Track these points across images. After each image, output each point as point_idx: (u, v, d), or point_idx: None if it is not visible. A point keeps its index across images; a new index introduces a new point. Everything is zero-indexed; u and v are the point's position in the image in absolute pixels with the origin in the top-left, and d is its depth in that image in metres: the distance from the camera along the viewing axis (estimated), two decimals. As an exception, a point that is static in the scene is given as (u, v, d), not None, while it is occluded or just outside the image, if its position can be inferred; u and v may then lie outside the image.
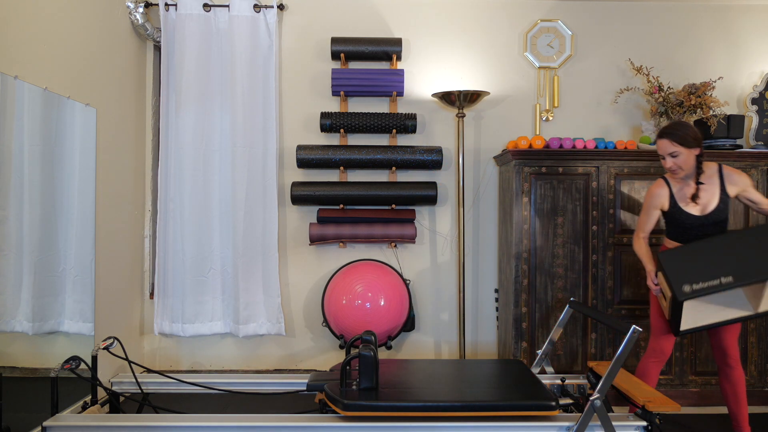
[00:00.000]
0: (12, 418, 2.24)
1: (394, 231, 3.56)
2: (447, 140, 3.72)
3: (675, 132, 2.60)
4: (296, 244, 3.71)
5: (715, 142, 3.43)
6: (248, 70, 3.51)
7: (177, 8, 3.49)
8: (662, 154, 2.63)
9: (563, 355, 3.34)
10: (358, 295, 3.30)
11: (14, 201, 2.38)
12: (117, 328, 3.28)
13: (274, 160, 3.56)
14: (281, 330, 3.57)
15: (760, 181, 3.35)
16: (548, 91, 3.73)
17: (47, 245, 2.60)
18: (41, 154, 2.55)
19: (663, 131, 2.63)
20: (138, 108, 3.57)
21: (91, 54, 3.00)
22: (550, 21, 3.71)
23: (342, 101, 3.66)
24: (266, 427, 2.21)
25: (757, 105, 3.67)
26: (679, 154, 2.59)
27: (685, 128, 2.60)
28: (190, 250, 3.53)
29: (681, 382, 3.34)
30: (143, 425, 2.24)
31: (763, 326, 3.35)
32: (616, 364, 2.15)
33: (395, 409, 2.16)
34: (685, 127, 2.61)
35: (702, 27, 3.74)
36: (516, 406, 2.18)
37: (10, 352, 2.36)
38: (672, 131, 2.61)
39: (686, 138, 2.58)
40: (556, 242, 3.33)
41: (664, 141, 2.61)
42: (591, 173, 3.33)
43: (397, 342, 3.70)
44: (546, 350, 2.79)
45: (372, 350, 2.28)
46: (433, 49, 3.72)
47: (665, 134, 2.62)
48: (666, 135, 2.61)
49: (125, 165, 3.39)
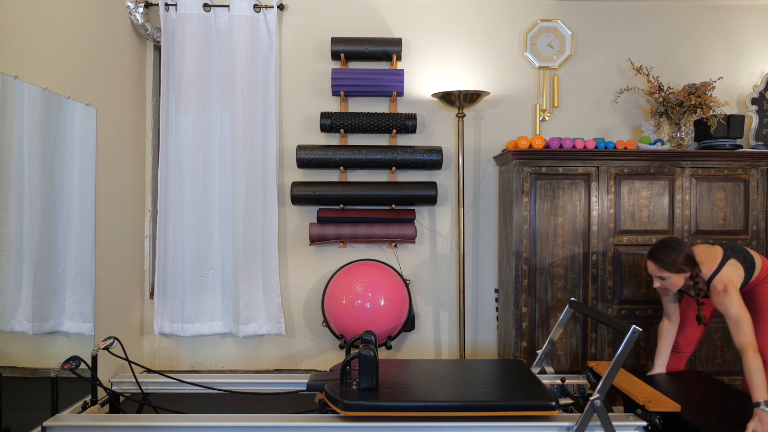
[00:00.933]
0: (12, 418, 2.24)
1: (394, 231, 3.56)
2: (447, 140, 3.72)
3: (662, 258, 2.50)
4: (296, 244, 3.71)
5: (715, 142, 3.43)
6: (248, 70, 3.51)
7: (177, 8, 3.49)
8: (654, 275, 2.57)
9: (563, 355, 3.34)
10: (358, 295, 3.30)
11: (14, 201, 2.38)
12: (117, 328, 3.28)
13: (274, 160, 3.56)
14: (281, 330, 3.57)
15: (760, 181, 3.35)
16: (548, 91, 3.73)
17: (47, 245, 2.60)
18: (41, 154, 2.55)
19: (651, 253, 2.54)
20: (138, 108, 3.57)
21: (91, 54, 3.00)
22: (550, 21, 3.71)
23: (342, 101, 3.66)
24: (266, 427, 2.21)
25: (757, 105, 3.67)
26: (667, 278, 2.53)
27: (674, 252, 2.49)
28: (190, 250, 3.53)
29: (681, 382, 3.34)
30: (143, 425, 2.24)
31: (763, 326, 3.35)
32: (616, 364, 2.15)
33: (395, 409, 2.16)
34: (673, 251, 2.50)
35: (702, 27, 3.75)
36: (516, 406, 2.18)
37: (10, 352, 2.36)
38: (659, 256, 2.51)
39: (674, 265, 2.49)
40: (556, 242, 3.33)
41: (651, 265, 2.54)
42: (591, 173, 3.33)
43: (397, 342, 3.70)
44: (546, 350, 2.79)
45: (372, 350, 2.28)
46: (433, 49, 3.72)
47: (652, 257, 2.53)
48: (653, 259, 2.53)
49: (125, 165, 3.39)
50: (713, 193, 3.35)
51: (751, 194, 3.35)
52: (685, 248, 2.52)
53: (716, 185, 3.35)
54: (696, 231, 3.35)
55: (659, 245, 2.55)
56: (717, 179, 3.36)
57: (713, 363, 3.35)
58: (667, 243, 2.55)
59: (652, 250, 2.56)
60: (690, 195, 3.35)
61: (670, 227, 3.35)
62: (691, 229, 3.35)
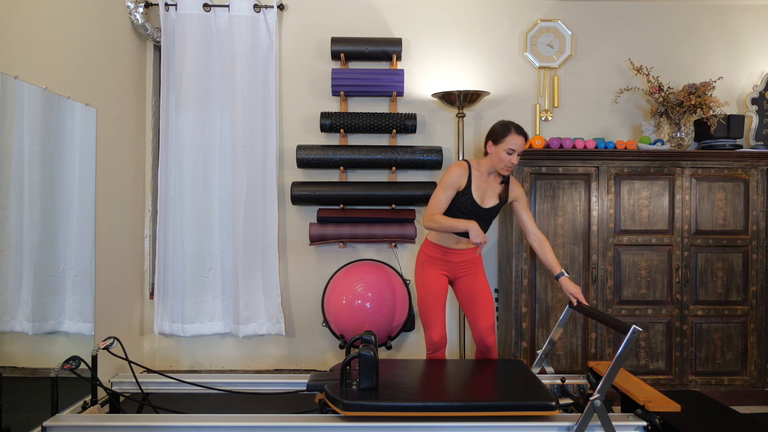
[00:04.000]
0: (12, 418, 2.24)
1: (394, 231, 3.56)
2: (447, 140, 3.72)
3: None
4: (296, 244, 3.71)
5: (715, 142, 3.43)
6: (248, 70, 3.51)
7: (177, 8, 3.49)
8: (518, 150, 2.65)
9: (563, 355, 3.35)
10: (358, 295, 3.30)
11: (14, 201, 2.38)
12: (117, 328, 3.28)
13: (274, 160, 3.56)
14: (281, 330, 3.57)
15: (760, 181, 3.35)
16: (548, 91, 3.73)
17: (47, 245, 2.60)
18: (41, 154, 2.55)
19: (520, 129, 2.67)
20: (138, 108, 3.57)
21: (91, 54, 3.00)
22: (550, 21, 3.71)
23: (342, 101, 3.66)
24: (266, 427, 2.21)
25: (757, 105, 3.67)
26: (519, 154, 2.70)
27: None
28: (190, 250, 3.53)
29: (681, 382, 3.34)
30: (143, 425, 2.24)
31: (764, 326, 3.36)
32: (616, 364, 2.15)
33: (395, 409, 2.16)
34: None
35: (702, 27, 3.74)
36: (516, 406, 2.18)
37: (10, 352, 2.36)
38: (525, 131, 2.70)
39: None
40: (556, 242, 3.33)
41: (524, 139, 2.66)
42: (591, 173, 3.33)
43: (397, 342, 3.70)
44: (546, 350, 2.79)
45: (372, 350, 2.28)
46: (433, 49, 3.72)
47: (525, 134, 2.68)
48: (526, 134, 2.68)
49: (125, 165, 3.39)
50: (713, 193, 3.35)
51: (751, 194, 3.35)
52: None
53: (716, 185, 3.35)
54: (696, 231, 3.35)
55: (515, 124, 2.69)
56: (717, 179, 3.36)
57: (713, 363, 3.35)
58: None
59: (518, 126, 2.67)
60: (690, 195, 3.35)
61: (670, 227, 3.35)
62: (691, 229, 3.35)
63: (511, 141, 2.63)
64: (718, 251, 3.36)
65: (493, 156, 2.70)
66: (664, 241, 3.34)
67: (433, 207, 2.71)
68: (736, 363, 3.36)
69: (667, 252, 3.34)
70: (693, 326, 3.35)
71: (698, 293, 3.35)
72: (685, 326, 3.34)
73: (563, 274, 2.73)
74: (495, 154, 2.69)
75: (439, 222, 2.65)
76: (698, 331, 3.35)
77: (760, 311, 3.36)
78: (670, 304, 3.35)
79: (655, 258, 3.34)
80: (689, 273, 3.34)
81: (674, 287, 3.34)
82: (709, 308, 3.36)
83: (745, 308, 3.36)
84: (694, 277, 3.35)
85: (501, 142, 2.66)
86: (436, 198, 2.72)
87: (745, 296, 3.36)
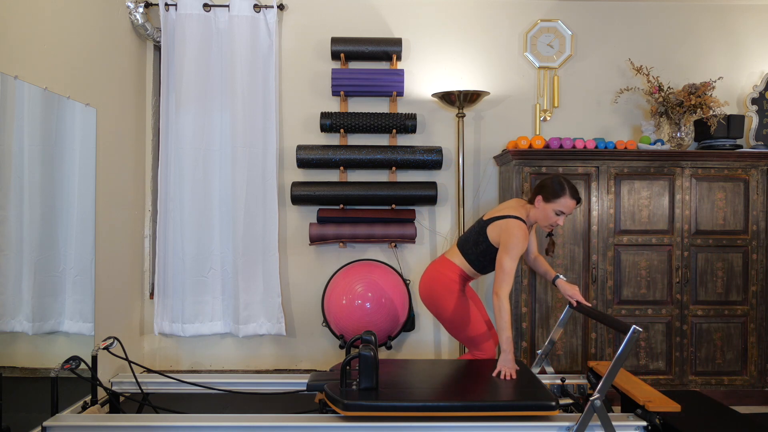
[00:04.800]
0: (12, 418, 2.23)
1: (394, 231, 3.56)
2: (447, 140, 3.72)
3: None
4: (296, 244, 3.71)
5: (715, 142, 3.43)
6: (248, 70, 3.51)
7: (177, 8, 3.49)
8: (568, 213, 2.57)
9: (563, 355, 3.34)
10: (358, 295, 3.30)
11: (14, 201, 2.38)
12: (117, 328, 3.28)
13: (274, 160, 3.56)
14: (281, 330, 3.57)
15: (760, 181, 3.35)
16: (548, 91, 3.73)
17: (47, 245, 2.60)
18: (41, 154, 2.55)
19: (574, 192, 2.56)
20: (138, 108, 3.57)
21: (91, 54, 3.00)
22: (550, 21, 3.71)
23: (342, 101, 3.66)
24: (266, 427, 2.21)
25: (757, 105, 3.67)
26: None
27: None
28: (190, 250, 3.53)
29: (681, 382, 3.34)
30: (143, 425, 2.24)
31: (764, 326, 3.36)
32: (616, 364, 2.15)
33: (395, 409, 2.16)
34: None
35: (702, 27, 3.74)
36: (516, 406, 2.18)
37: (10, 352, 2.36)
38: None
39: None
40: (555, 242, 3.32)
41: (576, 203, 2.57)
42: (591, 173, 3.33)
43: (397, 342, 3.70)
44: (546, 350, 2.79)
45: (372, 350, 2.28)
46: (433, 49, 3.72)
47: (580, 197, 2.58)
48: (580, 198, 2.58)
49: (125, 165, 3.39)
50: (713, 193, 3.35)
51: (751, 194, 3.35)
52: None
53: (716, 185, 3.35)
54: (696, 231, 3.35)
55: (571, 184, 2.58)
56: (717, 179, 3.36)
57: (713, 363, 3.35)
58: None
59: (573, 187, 2.55)
60: (690, 195, 3.35)
61: (670, 227, 3.35)
62: (691, 229, 3.35)
63: (564, 203, 2.53)
64: (718, 251, 3.36)
65: (539, 212, 2.58)
66: (664, 241, 3.34)
67: (509, 282, 2.47)
68: (736, 363, 3.36)
69: (667, 252, 3.34)
70: (693, 326, 3.35)
71: (698, 293, 3.35)
72: (685, 326, 3.34)
73: (558, 276, 2.71)
74: (542, 211, 2.57)
75: (504, 316, 2.46)
76: (698, 331, 3.35)
77: (760, 311, 3.36)
78: (670, 304, 3.35)
79: (655, 258, 3.34)
80: (689, 273, 3.34)
81: (674, 287, 3.34)
82: (709, 308, 3.36)
83: (745, 308, 3.36)
84: (694, 277, 3.35)
85: (553, 201, 2.54)
86: (510, 270, 2.48)
87: (745, 296, 3.36)
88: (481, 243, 2.65)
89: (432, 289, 2.74)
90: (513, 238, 2.50)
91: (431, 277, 2.77)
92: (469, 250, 2.70)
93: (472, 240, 2.70)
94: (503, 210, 2.65)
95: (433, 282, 2.75)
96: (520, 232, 2.51)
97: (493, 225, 2.61)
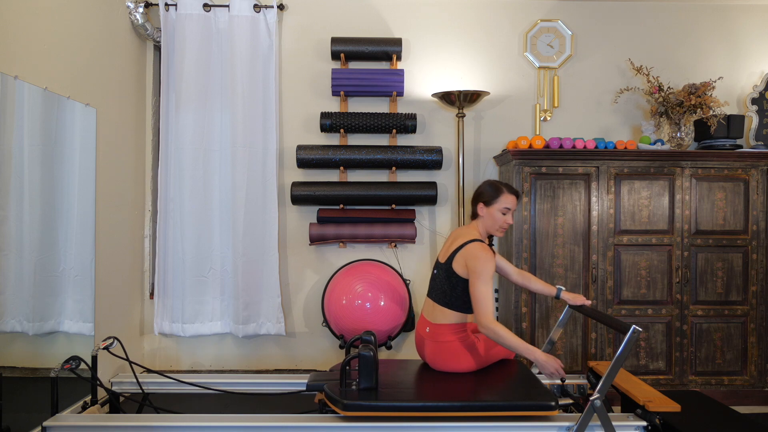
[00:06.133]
0: (12, 418, 2.24)
1: (394, 231, 3.56)
2: (447, 140, 3.72)
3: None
4: (296, 244, 3.71)
5: (715, 142, 3.43)
6: (248, 70, 3.51)
7: (177, 8, 3.49)
8: (513, 208, 2.54)
9: (563, 355, 3.34)
10: (358, 295, 3.30)
11: (14, 201, 2.38)
12: (117, 328, 3.28)
13: (274, 160, 3.56)
14: (281, 330, 3.57)
15: (760, 181, 3.35)
16: (548, 91, 3.73)
17: (47, 245, 2.60)
18: (41, 154, 2.55)
19: (512, 188, 2.56)
20: (138, 108, 3.57)
21: (91, 54, 3.00)
22: (550, 21, 3.71)
23: (342, 101, 3.66)
24: (266, 427, 2.21)
25: (757, 105, 3.67)
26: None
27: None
28: (190, 250, 3.53)
29: (681, 382, 3.34)
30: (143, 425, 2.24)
31: (764, 326, 3.36)
32: (616, 364, 2.15)
33: (395, 409, 2.16)
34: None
35: (702, 27, 3.74)
36: (516, 406, 2.18)
37: (10, 352, 2.36)
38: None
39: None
40: (556, 242, 3.33)
41: (515, 199, 2.55)
42: (591, 173, 3.33)
43: (397, 342, 3.70)
44: (546, 350, 2.78)
45: (371, 350, 2.28)
46: (433, 49, 3.72)
47: (517, 191, 2.57)
48: (518, 192, 2.57)
49: (125, 165, 3.39)
50: (713, 193, 3.35)
51: (751, 194, 3.35)
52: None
53: (716, 185, 3.35)
54: (696, 231, 3.35)
55: (503, 182, 2.58)
56: (717, 179, 3.36)
57: (713, 363, 3.35)
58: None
59: (507, 185, 2.56)
60: (690, 195, 3.35)
61: (670, 227, 3.35)
62: (691, 229, 3.35)
63: (506, 200, 2.52)
64: (718, 251, 3.36)
65: (487, 218, 2.55)
66: (664, 241, 3.34)
67: (489, 306, 2.35)
68: (736, 363, 3.36)
69: (667, 252, 3.34)
70: (693, 326, 3.35)
71: (698, 293, 3.35)
72: (685, 326, 3.34)
73: (561, 289, 2.68)
74: (489, 217, 2.54)
75: (504, 337, 2.31)
76: (698, 331, 3.35)
77: (760, 311, 3.35)
78: (670, 304, 3.35)
79: (655, 258, 3.34)
80: (689, 273, 3.34)
81: (674, 287, 3.34)
82: (709, 308, 3.36)
83: (745, 308, 3.36)
84: (694, 277, 3.35)
85: (494, 203, 2.53)
86: (486, 295, 2.36)
87: (745, 296, 3.36)
88: (456, 285, 2.50)
89: (444, 361, 2.53)
90: (478, 260, 2.39)
91: (435, 351, 2.55)
92: (449, 299, 2.52)
93: (446, 287, 2.53)
94: (456, 240, 2.55)
95: (442, 356, 2.53)
96: (483, 251, 2.41)
97: (455, 260, 2.48)
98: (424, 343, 2.60)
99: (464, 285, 2.49)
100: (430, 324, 2.59)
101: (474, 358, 2.52)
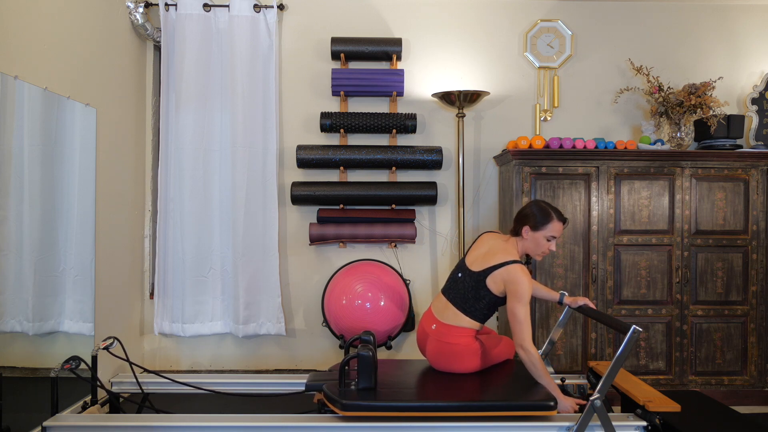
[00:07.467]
0: (12, 418, 2.24)
1: (394, 231, 3.56)
2: (447, 140, 3.72)
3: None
4: (296, 244, 3.71)
5: (715, 142, 3.43)
6: (248, 70, 3.51)
7: (177, 8, 3.49)
8: (558, 236, 2.52)
9: (563, 355, 3.34)
10: (358, 295, 3.30)
11: (14, 201, 2.39)
12: (117, 328, 3.28)
13: (274, 160, 3.56)
14: (281, 330, 3.57)
15: (760, 181, 3.35)
16: (548, 91, 3.73)
17: (47, 245, 2.60)
18: (41, 154, 2.55)
19: (561, 214, 2.51)
20: (138, 108, 3.57)
21: (91, 54, 3.01)
22: (550, 21, 3.71)
23: (342, 101, 3.66)
24: (266, 427, 2.21)
25: (757, 105, 3.67)
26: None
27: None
28: (190, 250, 3.53)
29: (681, 382, 3.34)
30: (143, 425, 2.24)
31: (764, 326, 3.35)
32: (616, 364, 2.15)
33: (394, 409, 2.16)
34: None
35: (702, 27, 3.74)
36: (516, 406, 2.18)
37: (10, 352, 2.36)
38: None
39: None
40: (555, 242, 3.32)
41: (563, 224, 2.52)
42: (591, 173, 3.33)
43: (397, 342, 3.70)
44: (546, 350, 2.79)
45: (370, 350, 2.28)
46: (433, 49, 3.72)
47: (565, 218, 2.52)
48: (566, 218, 2.53)
49: (125, 165, 3.39)
50: (713, 193, 3.35)
51: (751, 194, 3.35)
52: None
53: (716, 185, 3.35)
54: (696, 231, 3.35)
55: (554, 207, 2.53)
56: (717, 179, 3.35)
57: (713, 363, 3.35)
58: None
59: (557, 210, 2.51)
60: (690, 195, 3.35)
61: (670, 227, 3.35)
62: (691, 229, 3.35)
63: (554, 228, 2.47)
64: (718, 251, 3.35)
65: (529, 242, 2.51)
66: (664, 241, 3.34)
67: (529, 330, 2.37)
68: (736, 363, 3.35)
69: (667, 252, 3.34)
70: (693, 326, 3.35)
71: (698, 293, 3.35)
72: (685, 326, 3.34)
73: (564, 294, 2.68)
74: (532, 241, 2.50)
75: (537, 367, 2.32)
76: (698, 331, 3.35)
77: (760, 311, 3.35)
78: (670, 304, 3.34)
79: (655, 258, 3.34)
80: (689, 273, 3.34)
81: (674, 287, 3.34)
82: (709, 308, 3.36)
83: (745, 308, 3.36)
84: (694, 277, 3.35)
85: (542, 228, 2.48)
86: (527, 318, 2.38)
87: (745, 296, 3.36)
88: (482, 297, 2.48)
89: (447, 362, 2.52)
90: (521, 285, 2.38)
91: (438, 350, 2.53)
92: (469, 307, 2.50)
93: (469, 296, 2.50)
94: (495, 255, 2.48)
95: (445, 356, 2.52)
96: (525, 276, 2.40)
97: (492, 276, 2.44)
98: (427, 340, 2.59)
99: (492, 300, 2.48)
100: (437, 322, 2.57)
101: (477, 361, 2.51)
